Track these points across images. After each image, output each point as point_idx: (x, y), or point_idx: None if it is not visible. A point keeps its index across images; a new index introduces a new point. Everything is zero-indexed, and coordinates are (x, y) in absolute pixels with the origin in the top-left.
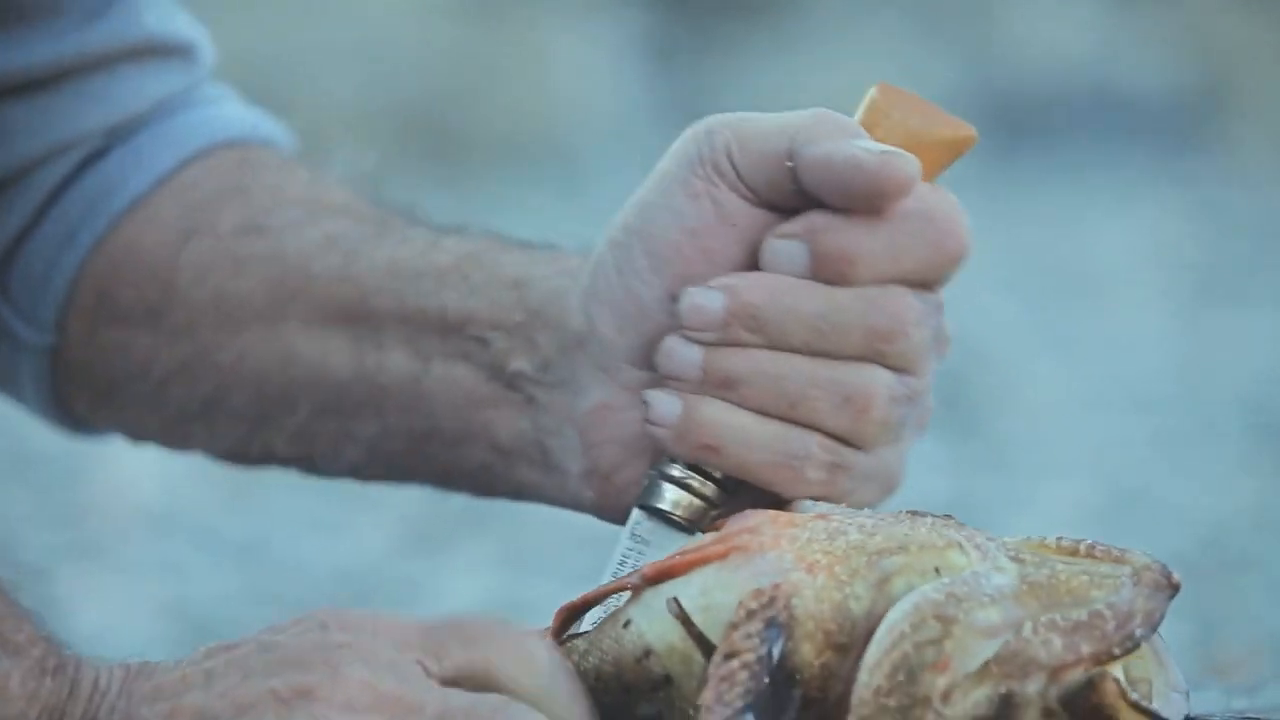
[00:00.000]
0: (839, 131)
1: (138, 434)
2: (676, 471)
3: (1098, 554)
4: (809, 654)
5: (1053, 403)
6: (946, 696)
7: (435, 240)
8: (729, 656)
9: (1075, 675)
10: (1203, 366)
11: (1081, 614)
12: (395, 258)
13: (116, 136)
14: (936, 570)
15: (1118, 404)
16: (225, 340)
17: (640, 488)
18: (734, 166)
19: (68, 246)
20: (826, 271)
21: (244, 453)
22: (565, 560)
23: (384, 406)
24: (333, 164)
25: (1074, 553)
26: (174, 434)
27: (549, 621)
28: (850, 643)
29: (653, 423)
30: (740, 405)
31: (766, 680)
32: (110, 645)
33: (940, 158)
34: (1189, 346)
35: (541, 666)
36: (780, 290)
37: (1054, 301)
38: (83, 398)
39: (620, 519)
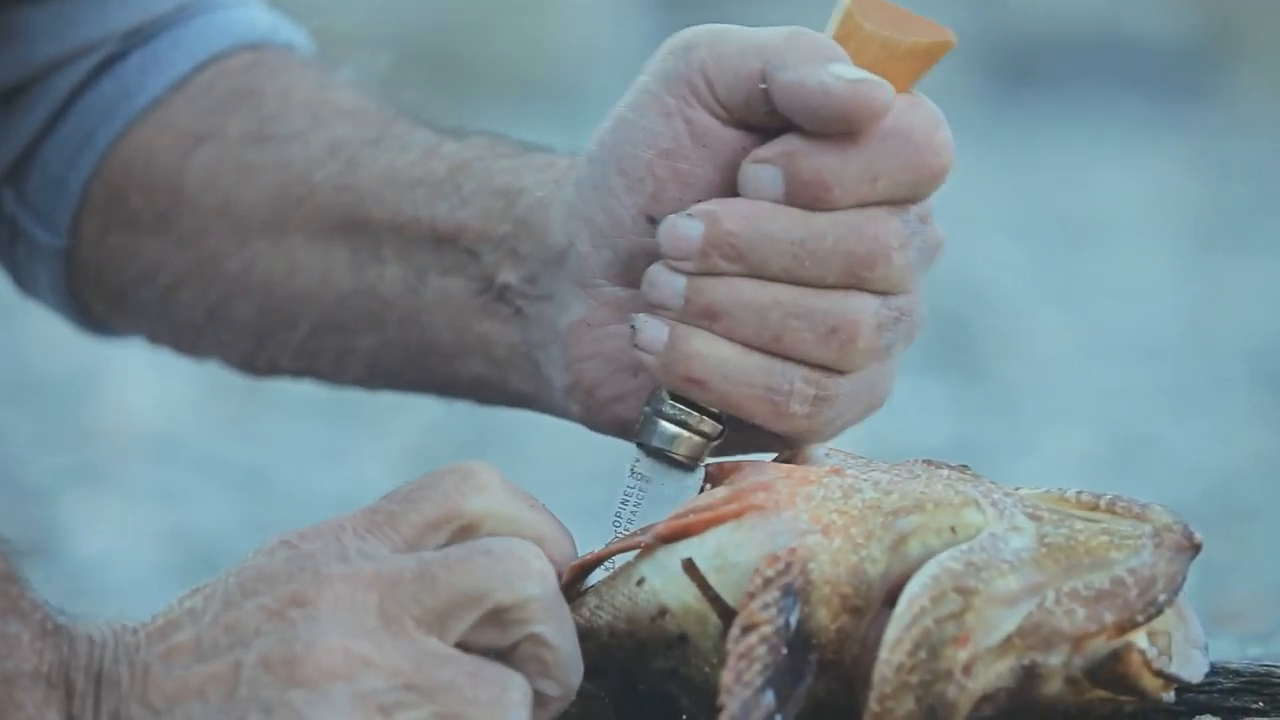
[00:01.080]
0: (813, 53)
1: (153, 338)
2: (670, 409)
3: (1119, 509)
4: (825, 618)
5: (1058, 349)
6: (968, 669)
7: (434, 146)
8: (747, 630)
9: (1099, 645)
10: (1208, 315)
11: (1104, 580)
12: (393, 165)
13: (135, 40)
14: (953, 530)
15: (1122, 352)
16: (232, 249)
17: (637, 419)
18: (709, 86)
19: (84, 149)
20: (803, 197)
21: (252, 364)
22: (567, 492)
23: (383, 320)
24: (344, 66)
25: (1094, 507)
26: (185, 341)
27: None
28: (866, 605)
29: (640, 348)
30: (724, 337)
31: (785, 651)
32: (111, 571)
33: (918, 66)
34: (1194, 294)
35: (490, 484)
36: (758, 217)
37: (1059, 248)
38: (98, 301)
39: (607, 431)
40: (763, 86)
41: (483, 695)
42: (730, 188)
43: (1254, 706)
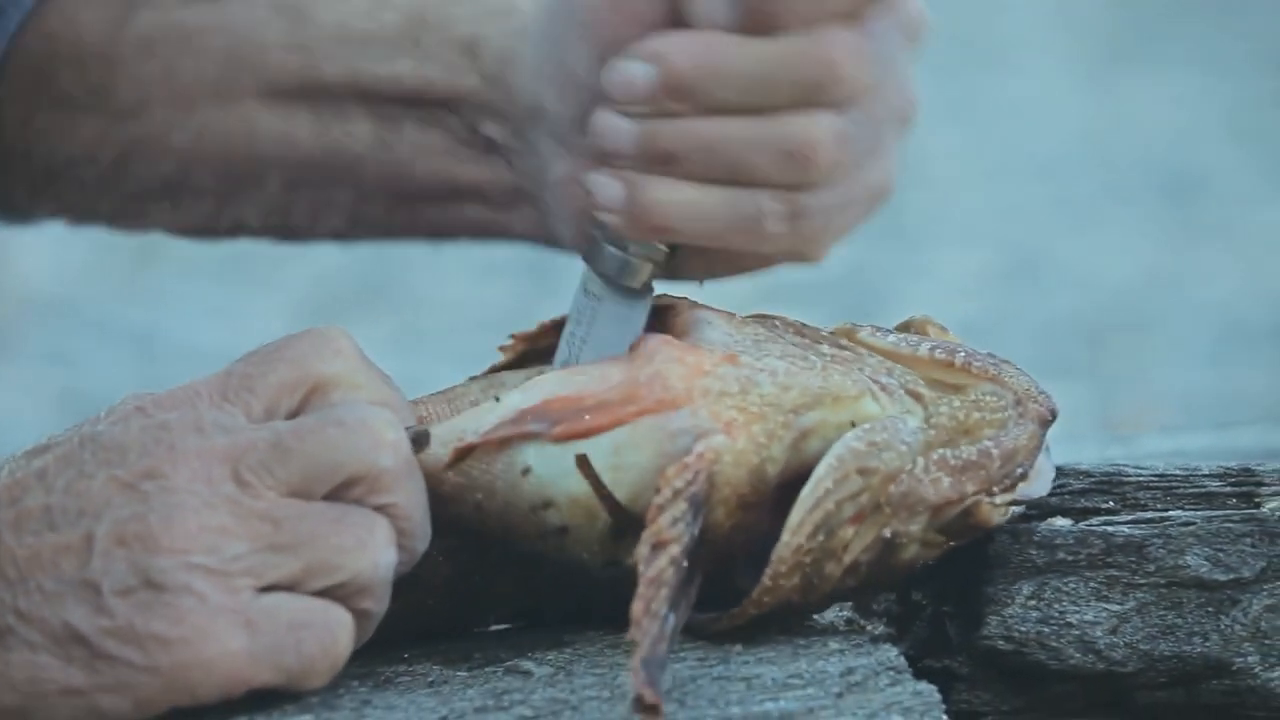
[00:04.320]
0: None
1: (84, 219)
2: (615, 237)
3: (974, 370)
4: (721, 518)
5: (955, 171)
6: (848, 546)
7: None
8: (657, 549)
9: (955, 510)
10: (1106, 131)
11: (971, 451)
12: (342, 21)
13: None
14: (851, 424)
15: (1020, 170)
16: (180, 119)
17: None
18: None
19: None
20: (753, 23)
21: (212, 228)
22: (458, 342)
23: (359, 173)
24: None
25: (949, 366)
26: (128, 215)
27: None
28: (760, 501)
29: (599, 208)
30: (683, 179)
31: (686, 565)
32: (3, 435)
33: None
34: (1092, 111)
35: (343, 348)
36: (707, 52)
37: (957, 69)
38: (21, 187)
39: None
40: None
41: (349, 540)
42: (682, 23)
43: (1104, 506)
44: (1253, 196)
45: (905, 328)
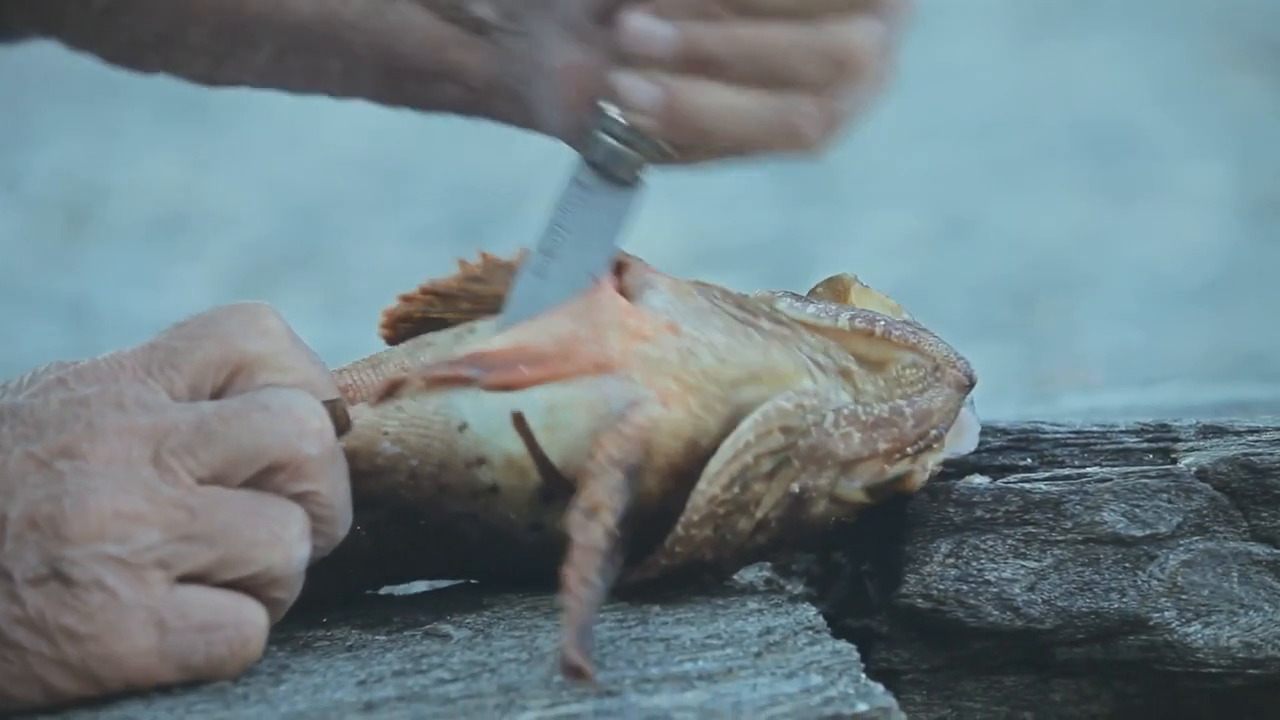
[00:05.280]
0: None
1: (84, 51)
2: (618, 128)
3: (894, 339)
4: (652, 484)
5: (883, 133)
6: (759, 501)
7: None
8: (591, 514)
9: (872, 469)
10: (1033, 92)
11: (883, 409)
12: None
13: None
14: None
15: (949, 132)
16: None
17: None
18: None
19: None
20: None
21: (212, 80)
22: (387, 304)
23: (350, 43)
24: None
25: (869, 335)
26: (125, 59)
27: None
28: (692, 469)
29: (633, 110)
30: (726, 84)
31: (617, 532)
32: None
33: None
34: (1022, 73)
35: (270, 327)
36: None
37: None
38: (19, 15)
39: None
40: None
41: (263, 533)
42: None
43: (1022, 463)
44: (1181, 156)
45: (828, 284)
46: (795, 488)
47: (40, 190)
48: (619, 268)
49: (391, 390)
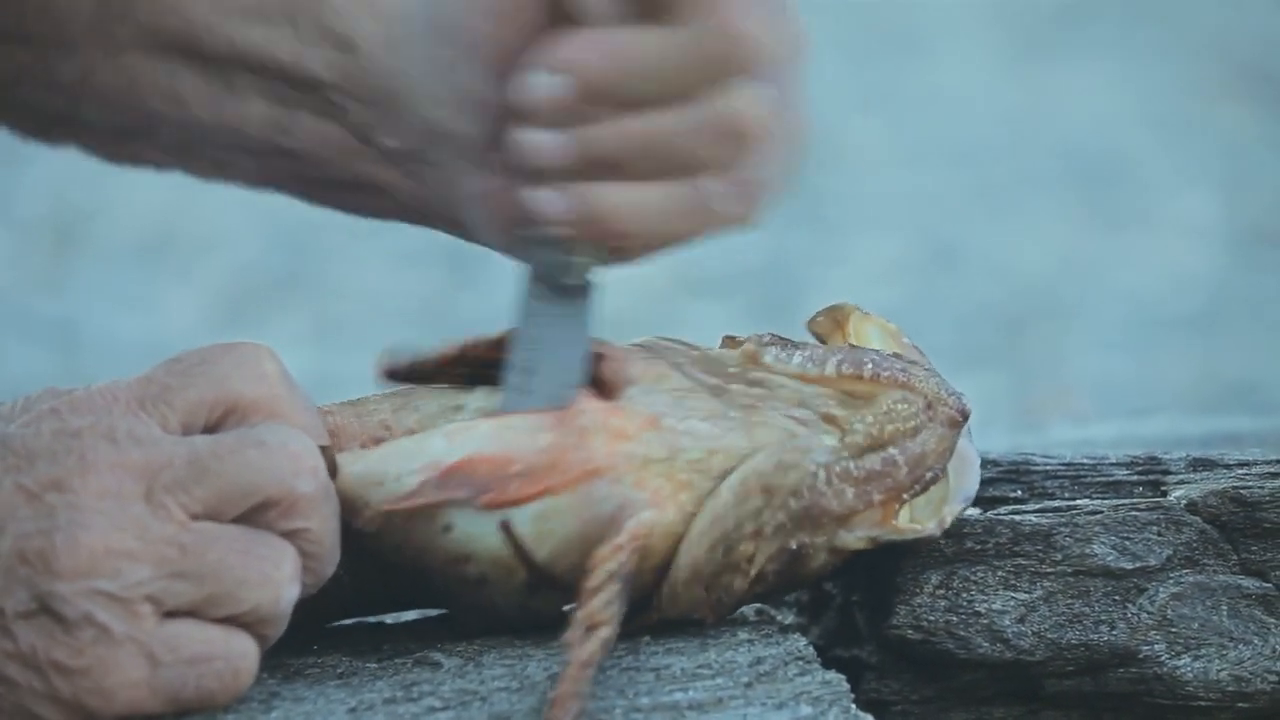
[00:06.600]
0: None
1: None
2: (550, 243)
3: (883, 379)
4: (646, 576)
5: (871, 158)
6: (751, 559)
7: None
8: (590, 630)
9: (869, 517)
10: (1022, 119)
11: (875, 461)
12: None
13: None
14: None
15: (936, 158)
16: (63, 57)
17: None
18: None
19: None
20: (643, 9)
21: (115, 157)
22: (376, 332)
23: (259, 150)
24: None
25: (858, 379)
26: (30, 133)
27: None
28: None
29: (545, 222)
30: (633, 182)
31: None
32: None
33: None
34: (1009, 99)
35: (267, 373)
36: (613, 48)
37: (876, 56)
38: None
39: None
40: None
41: (254, 573)
42: (559, 14)
43: (1012, 495)
44: (1171, 184)
45: (829, 314)
46: (793, 544)
47: (28, 212)
48: (596, 358)
49: (386, 520)
